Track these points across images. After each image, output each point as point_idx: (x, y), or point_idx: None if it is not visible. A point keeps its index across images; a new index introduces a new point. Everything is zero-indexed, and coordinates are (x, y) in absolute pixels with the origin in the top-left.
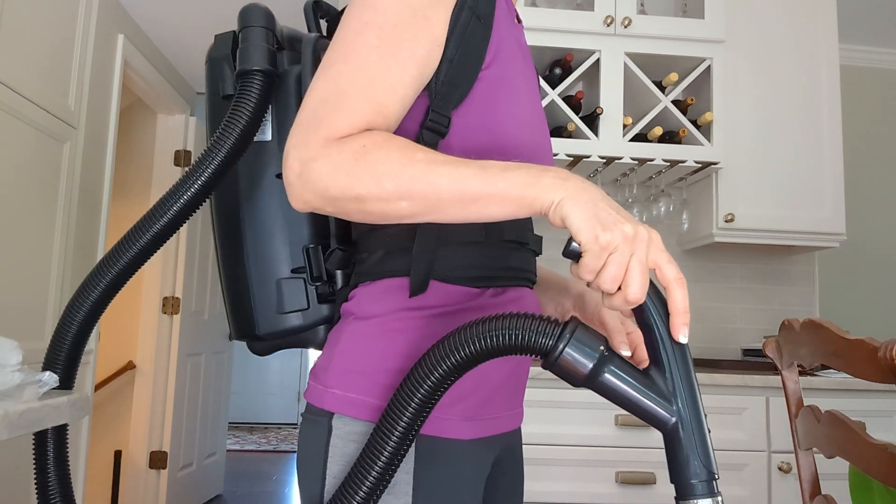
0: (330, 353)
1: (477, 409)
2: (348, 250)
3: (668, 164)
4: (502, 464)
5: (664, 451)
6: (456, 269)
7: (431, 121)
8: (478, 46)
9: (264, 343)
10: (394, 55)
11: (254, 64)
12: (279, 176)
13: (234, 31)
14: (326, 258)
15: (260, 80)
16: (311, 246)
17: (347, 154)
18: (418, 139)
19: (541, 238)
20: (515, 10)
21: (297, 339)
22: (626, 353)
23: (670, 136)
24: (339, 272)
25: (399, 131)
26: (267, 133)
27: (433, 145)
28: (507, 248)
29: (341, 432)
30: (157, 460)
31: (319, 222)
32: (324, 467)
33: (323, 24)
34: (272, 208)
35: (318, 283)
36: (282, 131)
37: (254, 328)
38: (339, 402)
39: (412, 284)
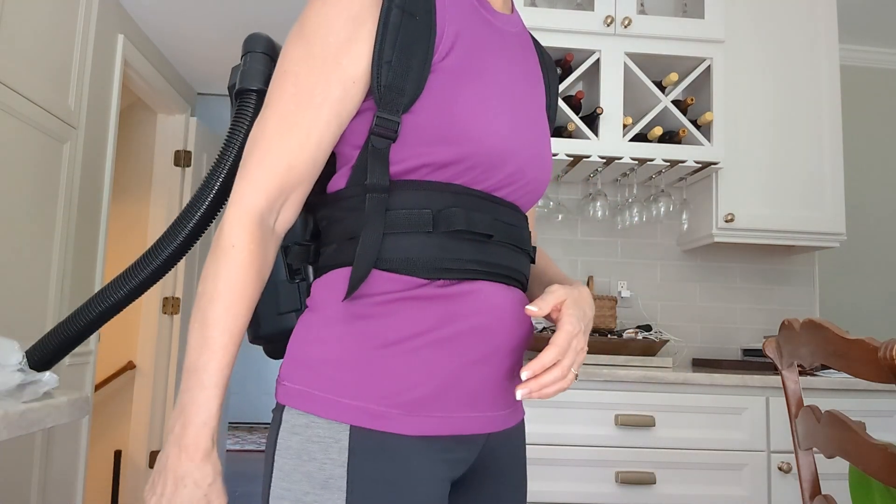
0: (287, 346)
1: (422, 405)
2: (308, 245)
3: (668, 164)
4: (486, 469)
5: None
6: (400, 259)
7: (377, 125)
8: (419, 44)
9: (274, 345)
10: (308, 101)
11: (250, 84)
12: None
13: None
14: (286, 255)
15: (255, 99)
16: (287, 245)
17: (224, 243)
18: (366, 145)
19: (528, 233)
20: (509, 1)
21: None
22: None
23: (670, 136)
24: (310, 267)
25: (349, 133)
26: None
27: (384, 149)
28: (462, 240)
29: (288, 425)
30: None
31: (308, 222)
32: (272, 460)
33: None
34: None
35: (298, 281)
36: None
37: (259, 329)
38: (287, 395)
39: (350, 284)
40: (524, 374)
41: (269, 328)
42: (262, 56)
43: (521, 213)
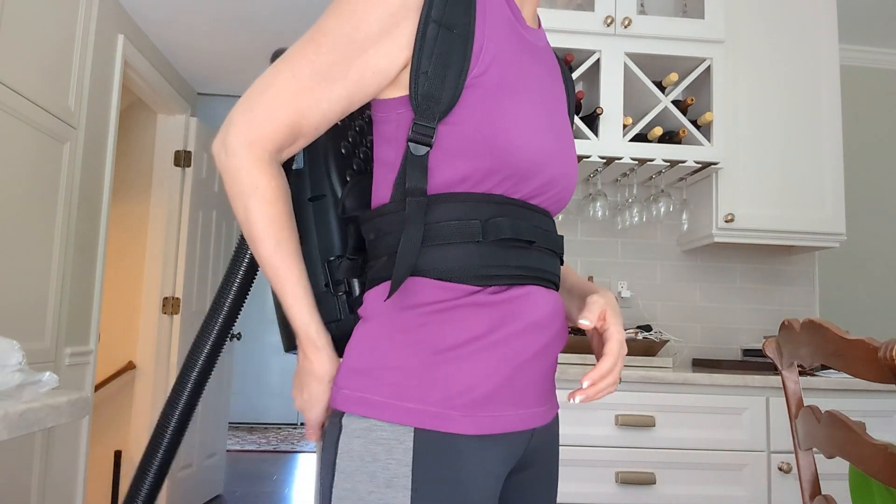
0: (344, 355)
1: (480, 406)
2: (358, 259)
3: (668, 164)
4: (534, 463)
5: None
6: (452, 269)
7: (414, 132)
8: (456, 57)
9: None
10: (324, 73)
11: None
12: (311, 199)
13: None
14: (336, 268)
15: None
16: (331, 259)
17: (247, 188)
18: (406, 152)
19: (561, 238)
20: (536, 15)
21: (338, 348)
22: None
23: (670, 136)
24: (355, 281)
25: (391, 143)
26: (299, 161)
27: (422, 156)
28: (508, 247)
29: (349, 429)
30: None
31: (347, 236)
32: (334, 463)
33: None
34: (308, 231)
35: (339, 294)
36: (311, 159)
37: (296, 340)
38: (347, 401)
39: (392, 283)
40: (586, 384)
41: None
42: None
43: (551, 217)
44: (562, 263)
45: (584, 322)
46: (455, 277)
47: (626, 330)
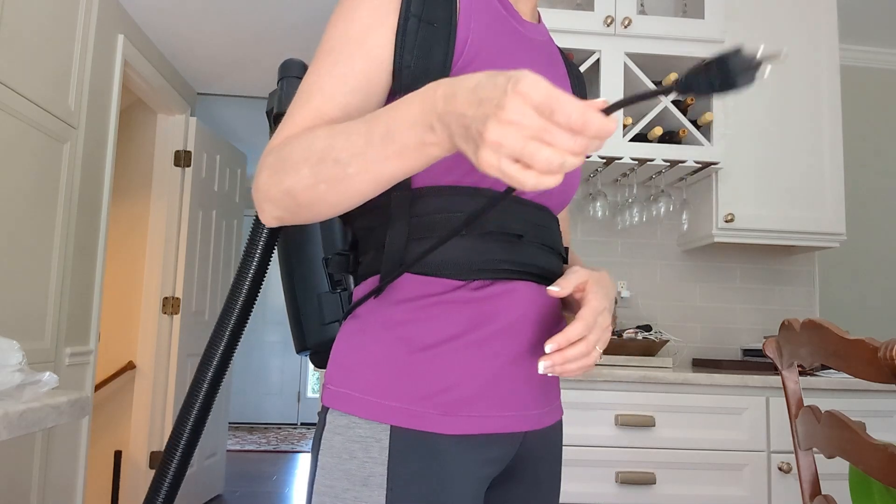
0: (331, 352)
1: (459, 406)
2: (347, 255)
3: (668, 164)
4: (522, 467)
5: None
6: (434, 263)
7: None
8: (437, 51)
9: (320, 355)
10: (330, 71)
11: (285, 108)
12: None
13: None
14: (327, 265)
15: None
16: (328, 257)
17: (272, 154)
18: None
19: (559, 235)
20: (537, 11)
21: None
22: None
23: (670, 136)
24: (350, 277)
25: None
26: None
27: None
28: (493, 241)
29: (331, 426)
30: (157, 460)
31: (347, 234)
32: (316, 458)
33: None
34: (311, 231)
35: (339, 291)
36: None
37: (305, 340)
38: (330, 397)
39: (381, 279)
40: (549, 347)
41: (315, 339)
42: (297, 81)
43: (550, 214)
44: (565, 261)
45: (553, 289)
46: (438, 272)
47: (625, 330)
